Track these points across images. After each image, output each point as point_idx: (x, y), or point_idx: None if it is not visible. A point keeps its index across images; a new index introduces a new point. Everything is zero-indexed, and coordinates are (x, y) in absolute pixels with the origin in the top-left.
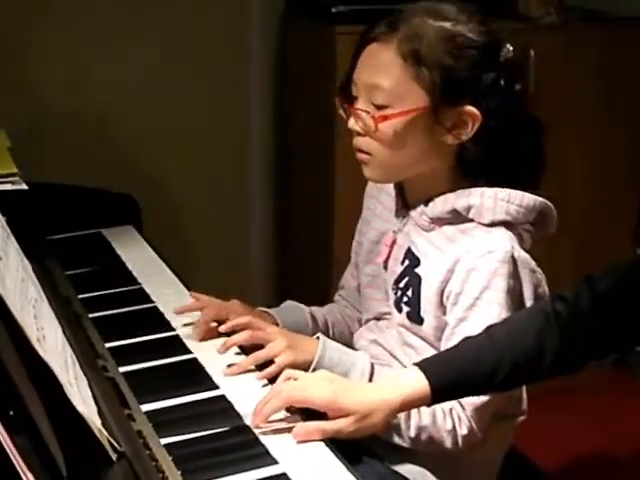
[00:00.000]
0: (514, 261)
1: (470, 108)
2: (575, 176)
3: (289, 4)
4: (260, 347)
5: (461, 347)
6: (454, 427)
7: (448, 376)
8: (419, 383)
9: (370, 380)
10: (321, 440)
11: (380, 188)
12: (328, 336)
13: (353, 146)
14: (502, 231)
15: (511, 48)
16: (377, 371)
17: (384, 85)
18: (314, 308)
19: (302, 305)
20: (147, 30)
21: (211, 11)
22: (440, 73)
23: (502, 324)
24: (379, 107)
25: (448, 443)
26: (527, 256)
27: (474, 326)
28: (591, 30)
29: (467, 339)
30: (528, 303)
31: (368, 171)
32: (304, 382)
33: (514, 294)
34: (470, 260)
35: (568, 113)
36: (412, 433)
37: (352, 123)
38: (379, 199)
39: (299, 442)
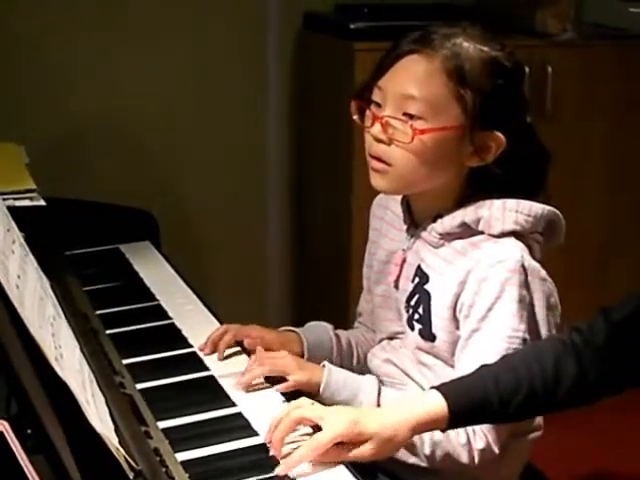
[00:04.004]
0: (524, 270)
1: (498, 134)
2: (593, 190)
3: (307, 20)
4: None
5: (480, 372)
6: (469, 441)
7: (466, 399)
8: (438, 406)
9: (378, 401)
10: None
11: (385, 207)
12: (352, 356)
13: (368, 154)
14: (512, 241)
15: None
16: (384, 392)
17: (422, 97)
18: (338, 330)
19: (326, 324)
20: (163, 52)
21: (228, 28)
22: (479, 97)
23: (520, 352)
24: (411, 117)
25: (464, 458)
26: (537, 265)
27: (487, 337)
28: (608, 46)
29: (485, 366)
30: (539, 312)
31: (381, 181)
32: (324, 416)
33: (526, 303)
34: (481, 270)
35: (585, 129)
36: (427, 450)
37: (378, 131)
38: (384, 218)
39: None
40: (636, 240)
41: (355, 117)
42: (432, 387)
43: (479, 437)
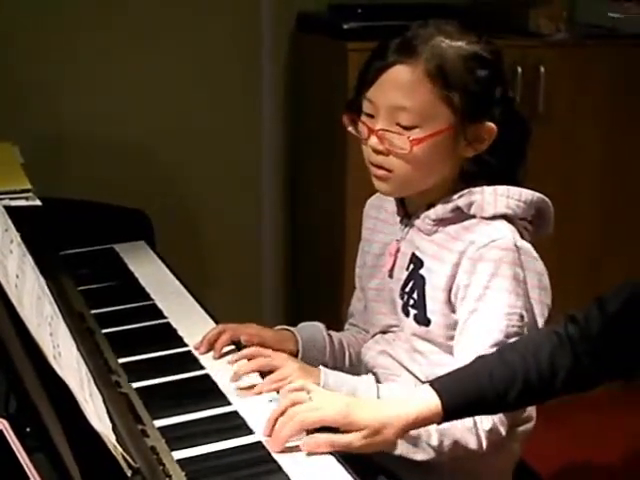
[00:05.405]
0: (517, 249)
1: (488, 123)
2: (586, 192)
3: (300, 21)
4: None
5: (474, 365)
6: (475, 423)
7: (460, 394)
8: (432, 401)
9: (377, 397)
10: (334, 457)
11: (379, 207)
12: (344, 355)
13: (368, 161)
14: (503, 223)
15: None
16: (382, 388)
17: (412, 107)
18: (330, 331)
19: (318, 323)
20: (160, 52)
21: (222, 28)
22: (464, 93)
23: (515, 344)
24: (405, 127)
25: (472, 442)
26: (529, 245)
27: (486, 316)
28: (600, 46)
29: (480, 358)
30: (532, 291)
31: (385, 186)
32: (317, 400)
33: (520, 281)
34: (474, 251)
35: (578, 129)
36: (435, 441)
37: (375, 143)
38: (379, 217)
39: (308, 454)
40: (629, 239)
41: (350, 129)
42: (426, 382)
43: (485, 418)
